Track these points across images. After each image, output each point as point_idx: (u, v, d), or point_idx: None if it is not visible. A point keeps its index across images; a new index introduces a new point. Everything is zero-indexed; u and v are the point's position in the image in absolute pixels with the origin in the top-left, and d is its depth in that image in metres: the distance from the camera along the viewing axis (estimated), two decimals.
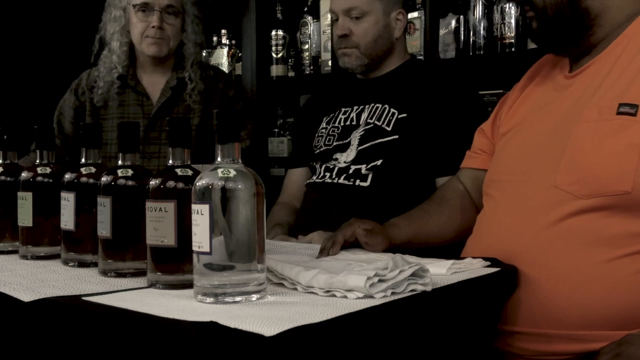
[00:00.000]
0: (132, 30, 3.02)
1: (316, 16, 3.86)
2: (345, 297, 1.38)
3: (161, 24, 2.96)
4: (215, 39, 4.32)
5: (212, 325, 1.17)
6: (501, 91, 2.97)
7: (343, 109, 2.74)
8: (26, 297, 1.42)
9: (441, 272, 1.62)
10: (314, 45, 3.87)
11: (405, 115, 2.55)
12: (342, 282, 1.38)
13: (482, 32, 3.14)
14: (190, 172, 1.52)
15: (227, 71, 4.11)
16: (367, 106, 2.66)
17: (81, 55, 3.21)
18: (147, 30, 2.97)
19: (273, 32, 3.95)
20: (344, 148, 2.61)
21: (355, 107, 2.70)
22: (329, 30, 3.66)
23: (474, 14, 3.16)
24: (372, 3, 2.65)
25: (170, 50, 3.03)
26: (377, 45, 2.68)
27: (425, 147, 2.51)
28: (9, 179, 2.04)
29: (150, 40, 2.98)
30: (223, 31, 4.29)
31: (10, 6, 4.21)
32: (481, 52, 3.15)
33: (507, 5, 3.04)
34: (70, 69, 3.27)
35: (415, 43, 3.33)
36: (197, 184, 1.36)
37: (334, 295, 1.39)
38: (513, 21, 3.04)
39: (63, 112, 3.14)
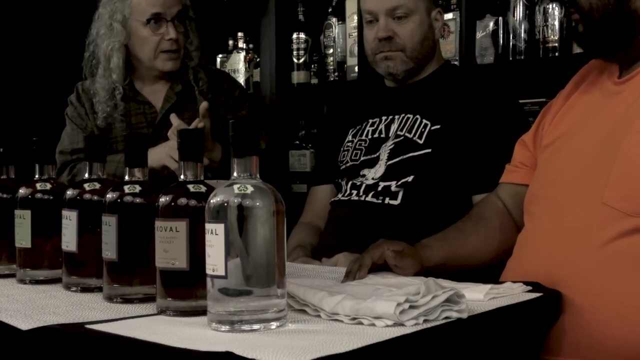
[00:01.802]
0: (140, 44, 2.98)
1: (341, 18, 3.85)
2: (373, 325, 1.37)
3: (177, 35, 2.96)
4: (231, 42, 4.33)
5: (228, 356, 1.17)
6: (544, 99, 2.96)
7: (370, 120, 2.72)
8: (24, 325, 1.43)
9: (478, 297, 1.61)
10: (339, 50, 3.87)
11: (438, 126, 2.53)
12: (370, 309, 1.38)
13: (522, 35, 3.14)
14: (203, 189, 1.52)
15: (244, 77, 4.11)
16: (396, 117, 2.64)
17: (80, 65, 3.21)
18: (161, 44, 2.97)
19: (294, 35, 3.96)
20: (372, 163, 2.60)
21: (383, 118, 2.68)
22: (356, 33, 3.67)
23: (513, 15, 3.15)
24: (417, 0, 2.62)
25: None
26: (424, 47, 2.66)
27: (461, 161, 2.49)
28: (5, 195, 2.04)
29: (166, 56, 2.97)
30: (240, 34, 4.29)
31: (9, 14, 4.24)
32: (522, 57, 3.15)
33: (550, 5, 3.03)
34: (70, 80, 3.27)
35: (449, 47, 3.33)
36: (212, 201, 1.36)
37: (361, 323, 1.39)
38: (557, 23, 3.03)
39: (88, 125, 3.10)
